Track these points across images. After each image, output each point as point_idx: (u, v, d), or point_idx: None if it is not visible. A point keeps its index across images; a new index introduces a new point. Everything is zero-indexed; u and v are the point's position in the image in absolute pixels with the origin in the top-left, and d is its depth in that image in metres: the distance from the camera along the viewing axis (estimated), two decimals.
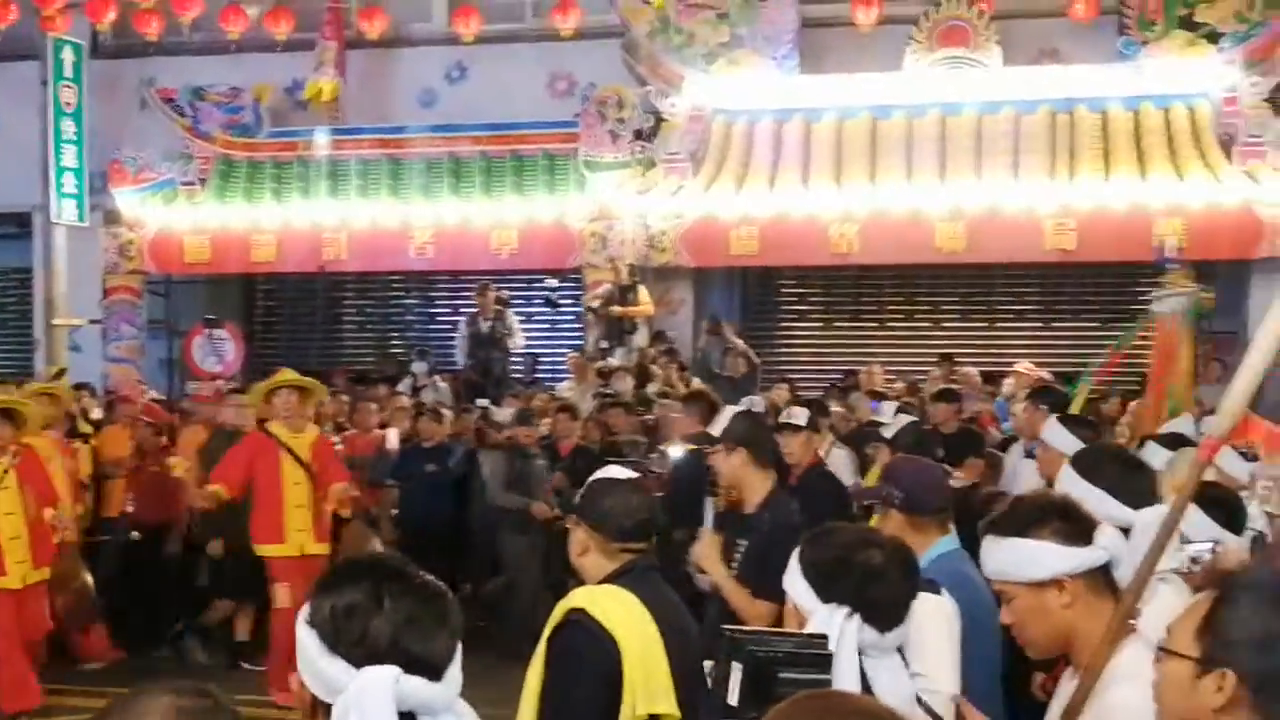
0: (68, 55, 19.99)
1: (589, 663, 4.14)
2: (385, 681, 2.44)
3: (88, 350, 20.21)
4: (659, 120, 18.10)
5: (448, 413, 14.21)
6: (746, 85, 18.30)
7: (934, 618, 4.48)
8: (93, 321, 20.02)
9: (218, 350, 17.89)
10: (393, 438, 13.73)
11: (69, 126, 20.03)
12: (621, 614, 4.21)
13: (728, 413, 6.87)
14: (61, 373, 17.22)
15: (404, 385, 16.87)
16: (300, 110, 20.03)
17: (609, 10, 18.75)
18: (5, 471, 10.03)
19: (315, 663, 2.51)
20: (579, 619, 4.18)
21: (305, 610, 2.56)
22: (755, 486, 6.43)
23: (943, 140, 17.67)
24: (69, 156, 20.01)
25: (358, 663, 2.47)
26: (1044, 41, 18.56)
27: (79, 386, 15.77)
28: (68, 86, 20.00)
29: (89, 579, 10.99)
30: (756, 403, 12.17)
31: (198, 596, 12.71)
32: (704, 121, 18.25)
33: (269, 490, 10.93)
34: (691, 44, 18.49)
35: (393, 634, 2.49)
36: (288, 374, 11.58)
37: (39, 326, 20.90)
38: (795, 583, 3.44)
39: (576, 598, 4.27)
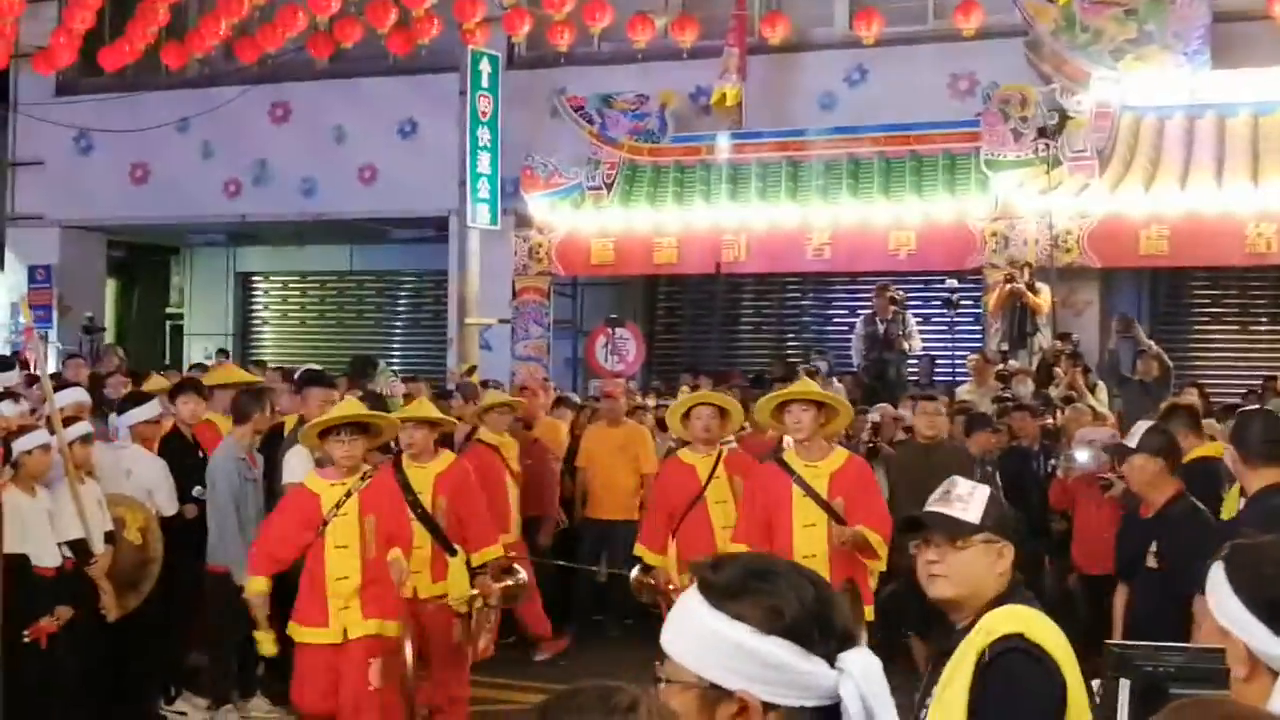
0: (485, 66, 20.66)
1: (1039, 697, 3.70)
2: (875, 662, 2.34)
3: (497, 349, 20.84)
4: (1063, 118, 17.63)
5: None
6: (1156, 81, 17.74)
7: None
8: (502, 321, 20.66)
9: (619, 349, 18.38)
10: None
11: (484, 134, 20.70)
12: (1056, 638, 3.79)
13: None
14: (472, 370, 17.85)
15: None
16: (703, 115, 20.34)
17: (1011, 9, 18.45)
18: (348, 495, 8.11)
19: (793, 671, 2.32)
20: (1021, 645, 3.74)
21: (747, 627, 2.33)
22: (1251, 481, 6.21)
23: None
24: (484, 163, 20.66)
25: (829, 657, 2.33)
26: None
27: (486, 384, 16.28)
28: (484, 96, 20.68)
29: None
30: None
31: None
32: (1111, 119, 17.74)
33: (779, 533, 8.41)
34: (1098, 41, 18.03)
35: (843, 622, 2.37)
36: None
37: (452, 326, 21.60)
38: (1240, 617, 2.87)
39: (1004, 621, 3.83)
